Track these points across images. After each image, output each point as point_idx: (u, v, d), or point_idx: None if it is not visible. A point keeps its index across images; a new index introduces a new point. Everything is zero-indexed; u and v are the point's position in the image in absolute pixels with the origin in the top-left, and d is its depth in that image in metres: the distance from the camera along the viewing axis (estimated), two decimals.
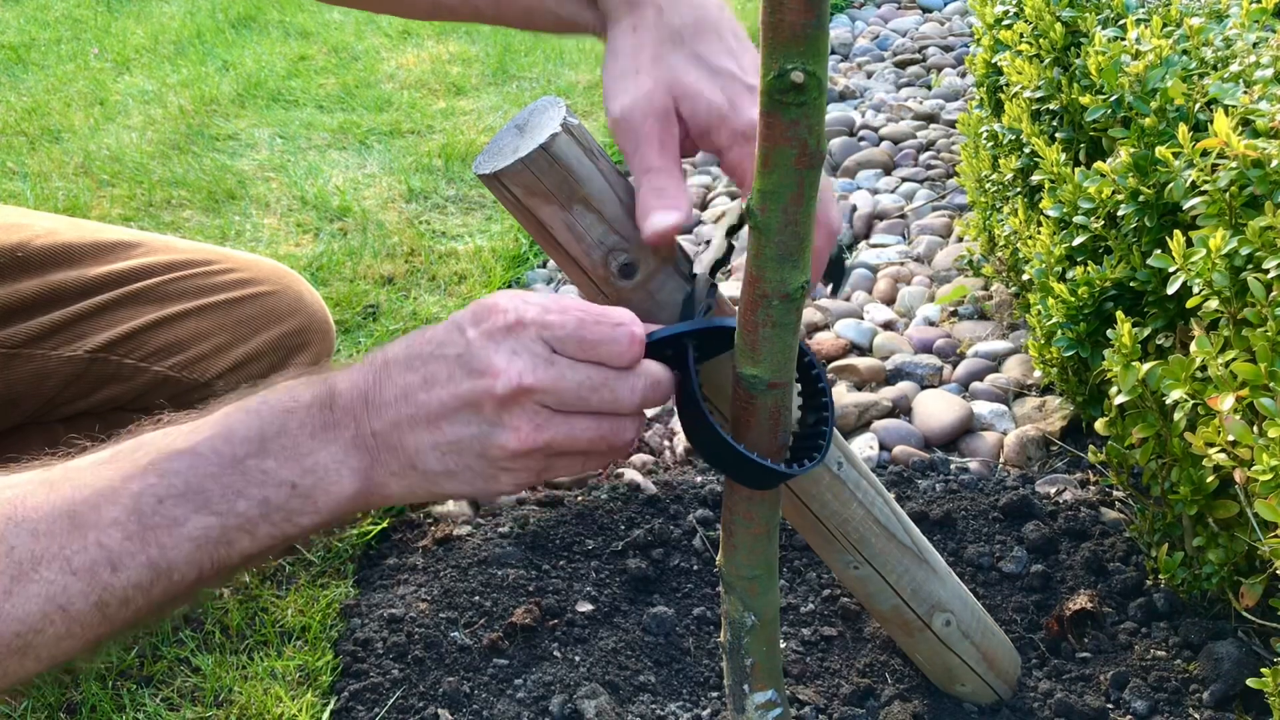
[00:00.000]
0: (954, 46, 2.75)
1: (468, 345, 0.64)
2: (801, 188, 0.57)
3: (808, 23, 0.51)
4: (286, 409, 0.66)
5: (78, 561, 0.61)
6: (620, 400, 0.66)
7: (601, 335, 0.64)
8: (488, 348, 0.64)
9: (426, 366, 0.65)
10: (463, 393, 0.64)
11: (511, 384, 0.63)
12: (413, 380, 0.65)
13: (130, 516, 0.62)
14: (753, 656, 0.78)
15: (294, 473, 0.65)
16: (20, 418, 1.20)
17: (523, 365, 0.63)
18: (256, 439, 0.65)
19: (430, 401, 0.65)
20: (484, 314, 0.65)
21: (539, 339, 0.64)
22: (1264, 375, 0.81)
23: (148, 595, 0.63)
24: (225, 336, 1.26)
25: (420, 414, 0.65)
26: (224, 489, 0.64)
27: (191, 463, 0.63)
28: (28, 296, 1.14)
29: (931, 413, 1.42)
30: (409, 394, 0.65)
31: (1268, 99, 0.95)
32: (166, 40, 3.10)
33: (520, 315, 0.64)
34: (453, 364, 0.64)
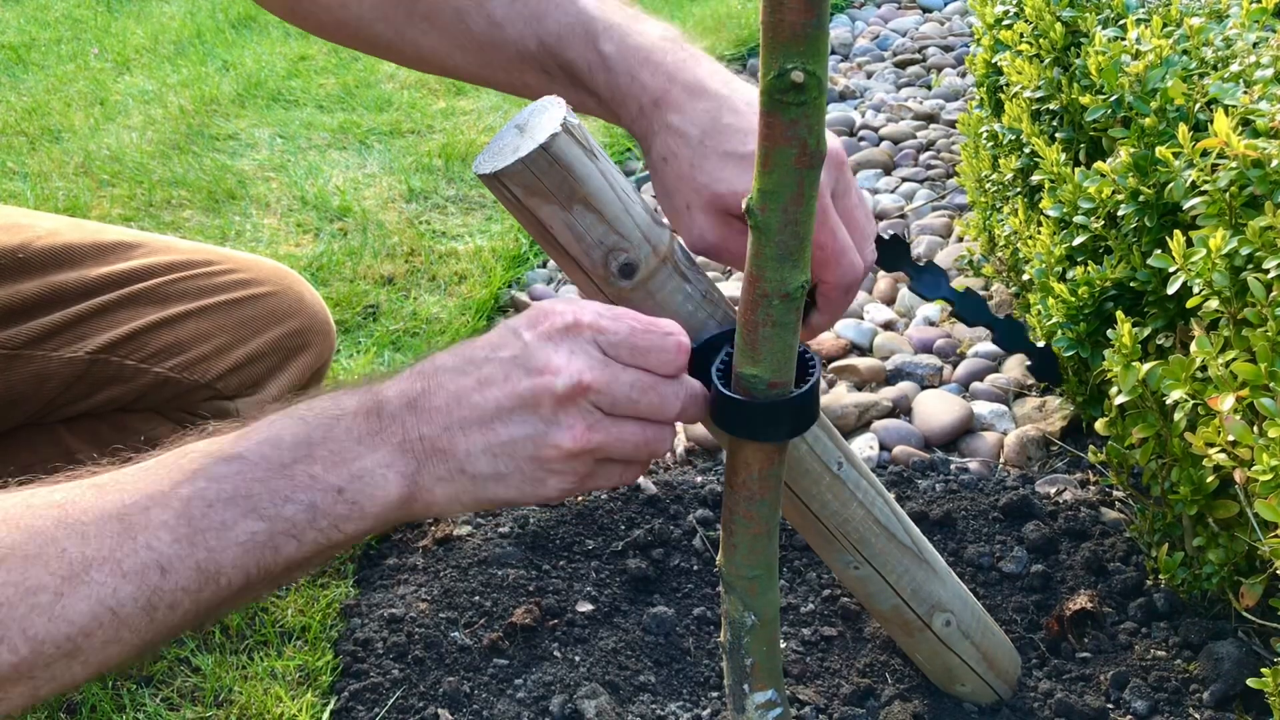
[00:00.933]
0: (954, 46, 2.75)
1: (525, 346, 0.66)
2: (801, 187, 0.57)
3: (807, 22, 0.51)
4: (333, 416, 0.67)
5: (128, 564, 0.61)
6: (666, 406, 0.68)
7: (652, 343, 0.66)
8: (546, 347, 0.65)
9: (481, 369, 0.66)
10: (521, 390, 0.65)
11: (572, 380, 0.64)
12: (466, 383, 0.66)
13: (179, 520, 0.62)
14: (753, 656, 0.78)
15: (341, 478, 0.65)
16: (21, 419, 1.20)
17: (581, 364, 0.65)
18: (304, 444, 0.66)
19: (485, 402, 0.66)
20: (540, 317, 0.67)
21: (593, 342, 0.66)
22: (1264, 375, 0.81)
23: (195, 599, 0.63)
24: (226, 337, 1.26)
25: (473, 415, 0.66)
26: (272, 494, 0.64)
27: (240, 468, 0.64)
28: (29, 297, 1.14)
29: (931, 413, 1.42)
30: (462, 397, 0.66)
31: (1268, 99, 0.95)
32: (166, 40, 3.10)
33: (577, 317, 0.66)
34: (509, 365, 0.66)
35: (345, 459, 0.66)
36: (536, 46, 0.86)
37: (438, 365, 0.68)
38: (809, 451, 0.82)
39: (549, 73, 0.87)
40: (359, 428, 0.67)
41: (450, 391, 0.67)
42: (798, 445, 0.81)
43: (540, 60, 0.87)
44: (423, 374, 0.68)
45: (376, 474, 0.66)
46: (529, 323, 0.67)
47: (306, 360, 1.35)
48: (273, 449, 0.65)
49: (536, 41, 0.86)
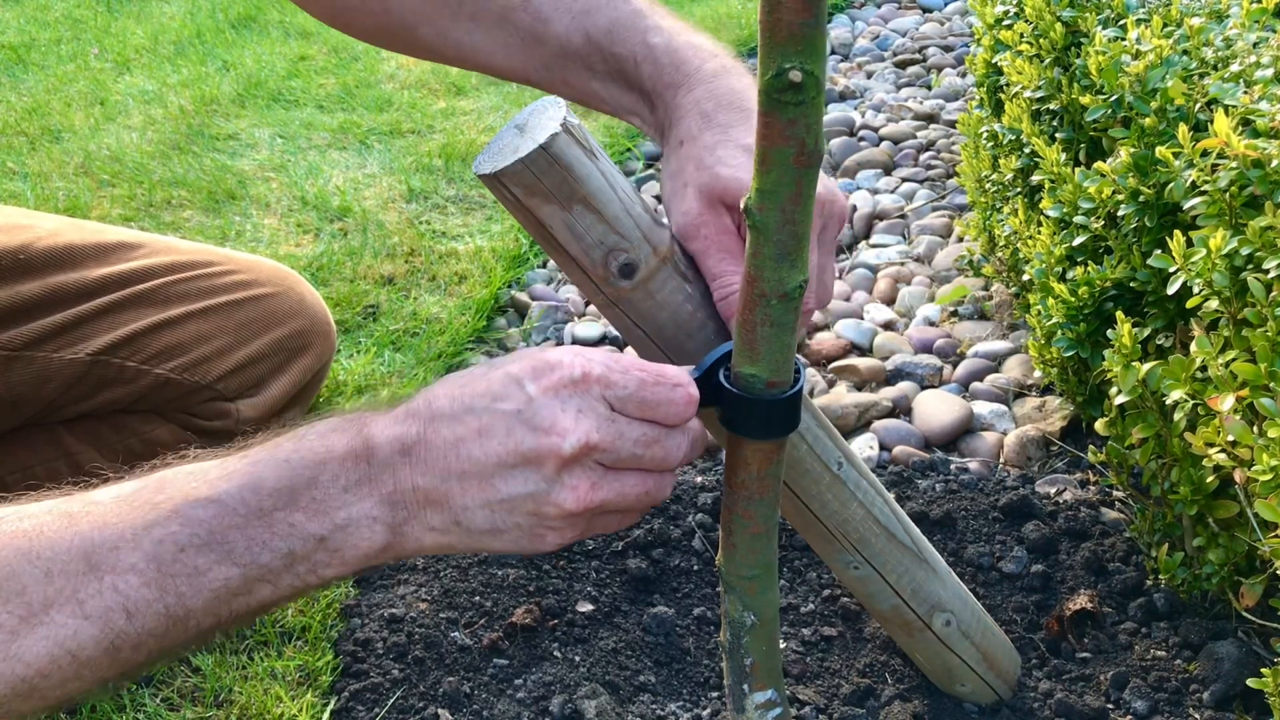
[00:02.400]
0: (954, 46, 2.75)
1: (530, 401, 0.63)
2: (799, 187, 0.57)
3: (805, 22, 0.51)
4: (319, 460, 0.64)
5: (91, 606, 0.59)
6: (670, 457, 0.66)
7: (660, 397, 0.65)
8: (553, 405, 0.63)
9: (480, 420, 0.63)
10: (525, 449, 0.62)
11: (579, 442, 0.62)
12: (463, 433, 0.63)
13: (149, 563, 0.60)
14: (752, 656, 0.78)
15: (323, 527, 0.63)
16: (21, 420, 1.20)
17: (589, 424, 0.63)
18: (286, 491, 0.63)
19: (486, 456, 0.63)
20: (545, 369, 0.64)
21: (601, 398, 0.64)
22: (1264, 375, 0.81)
23: (162, 642, 0.61)
24: (227, 339, 1.26)
25: (473, 469, 0.63)
26: (249, 541, 0.62)
27: (217, 512, 0.61)
28: (30, 298, 1.14)
29: (931, 413, 1.42)
30: (460, 447, 0.63)
31: (1268, 99, 0.95)
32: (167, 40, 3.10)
33: (586, 371, 0.64)
34: (511, 419, 0.63)
35: (329, 508, 0.63)
36: (583, 41, 0.86)
37: (434, 410, 0.65)
38: (809, 451, 0.82)
39: (592, 68, 0.86)
40: (346, 474, 0.64)
41: (447, 440, 0.64)
42: (798, 445, 0.81)
43: (585, 56, 0.86)
44: (417, 417, 0.65)
45: (362, 525, 0.63)
46: (533, 374, 0.64)
47: (307, 361, 1.35)
48: (253, 494, 0.62)
49: (583, 36, 0.85)
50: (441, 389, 0.66)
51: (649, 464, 0.66)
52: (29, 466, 1.24)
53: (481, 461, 0.63)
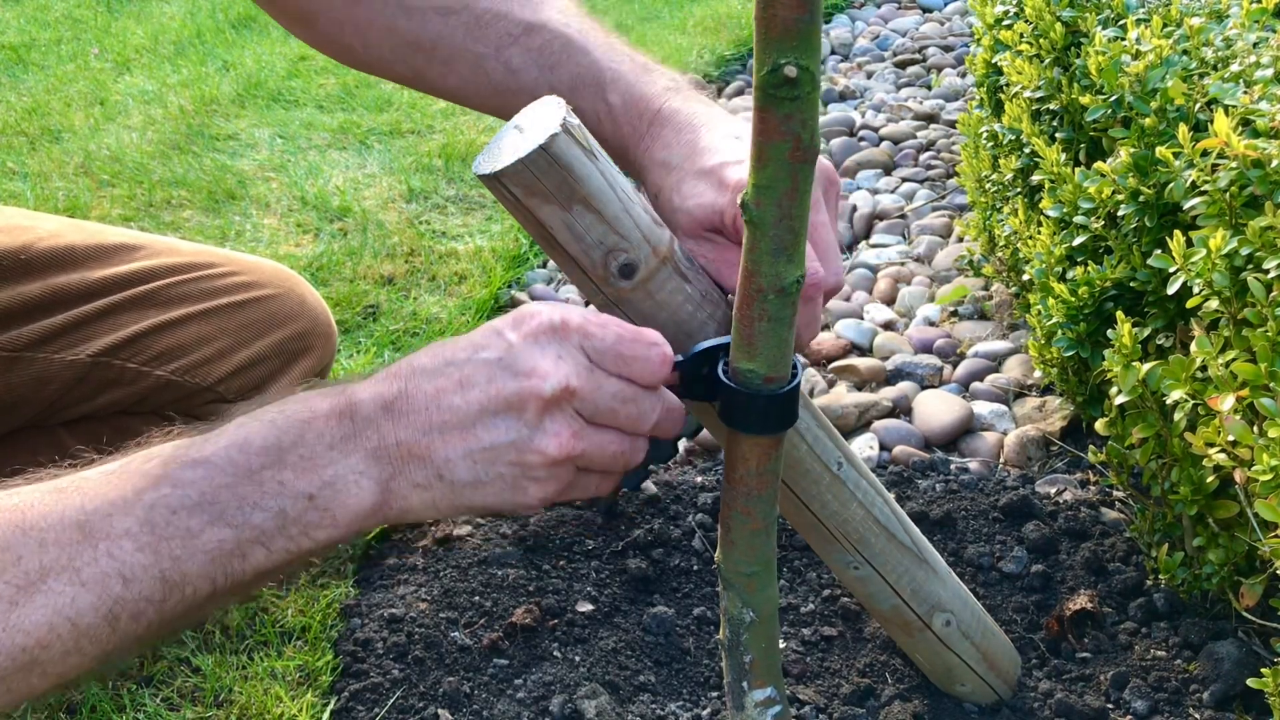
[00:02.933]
0: (954, 46, 2.75)
1: (509, 347, 0.64)
2: (795, 182, 0.57)
3: (800, 17, 0.51)
4: (304, 419, 0.64)
5: (87, 573, 0.59)
6: (644, 417, 0.67)
7: (637, 352, 0.66)
8: (533, 349, 0.64)
9: (462, 370, 0.64)
10: (507, 393, 0.63)
11: (559, 385, 0.63)
12: (445, 385, 0.64)
13: (143, 527, 0.60)
14: (751, 653, 0.78)
15: (311, 484, 0.63)
16: (21, 421, 1.20)
17: (569, 368, 0.64)
18: (273, 449, 0.63)
19: (467, 405, 0.64)
20: (525, 318, 0.65)
21: (580, 347, 0.65)
22: (1264, 375, 0.81)
23: (159, 609, 0.61)
24: (228, 341, 1.26)
25: (454, 419, 0.64)
26: (239, 500, 0.62)
27: (206, 473, 0.62)
28: (31, 299, 1.14)
29: (931, 413, 1.42)
30: (441, 399, 0.64)
31: (1268, 99, 0.95)
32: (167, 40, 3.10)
33: (565, 319, 0.65)
34: (493, 366, 0.64)
35: (316, 465, 0.63)
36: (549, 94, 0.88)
37: (415, 367, 0.66)
38: (809, 452, 0.81)
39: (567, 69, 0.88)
40: (331, 432, 0.64)
41: (428, 393, 0.64)
42: (797, 445, 0.80)
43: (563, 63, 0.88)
44: (398, 375, 0.66)
45: (349, 480, 0.64)
46: (513, 323, 0.65)
47: (308, 363, 1.35)
48: (240, 454, 0.63)
49: (549, 89, 0.86)
50: (424, 351, 0.67)
51: (624, 422, 0.67)
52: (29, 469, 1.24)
53: (463, 410, 0.64)
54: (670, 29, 2.91)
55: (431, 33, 0.91)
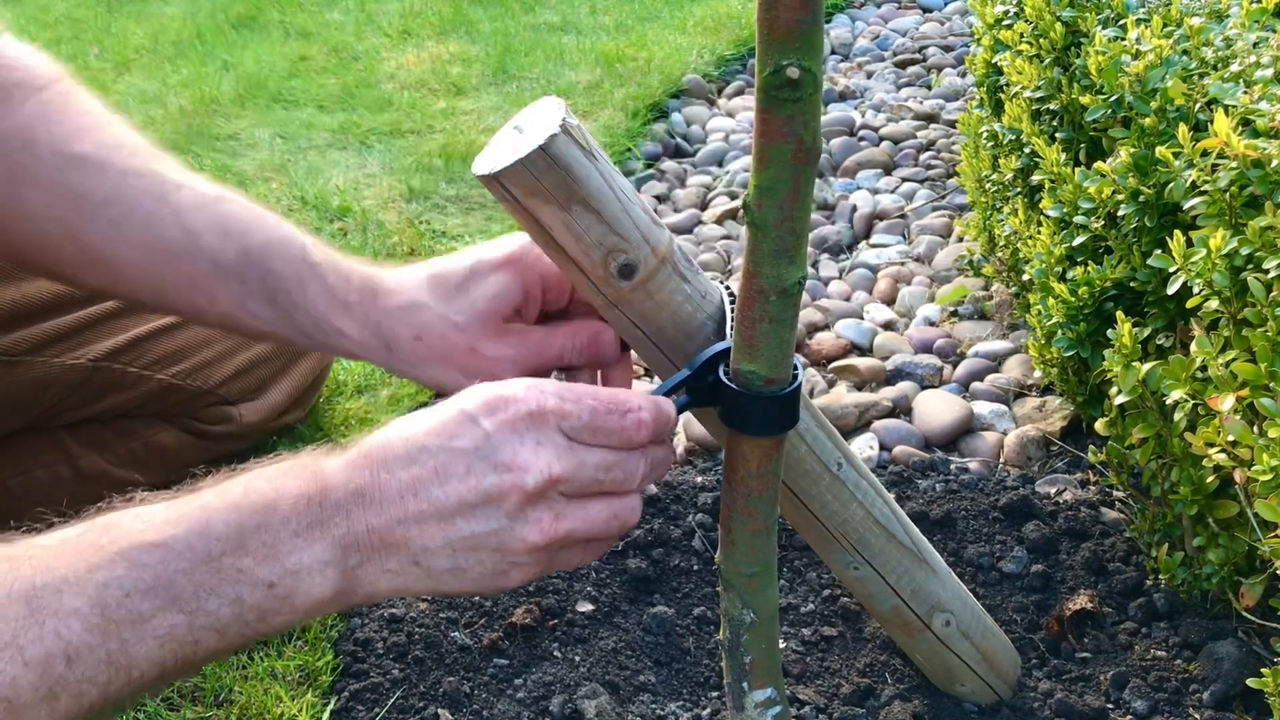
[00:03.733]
0: (954, 46, 2.75)
1: (486, 437, 0.62)
2: (798, 183, 0.57)
3: (803, 19, 0.51)
4: (269, 503, 0.62)
5: (31, 652, 0.56)
6: (630, 479, 0.66)
7: (613, 425, 0.65)
8: (511, 440, 0.62)
9: (436, 458, 0.62)
10: (486, 486, 0.62)
11: (542, 476, 0.62)
12: (421, 474, 0.62)
13: (93, 608, 0.58)
14: (751, 654, 0.78)
15: (273, 572, 0.61)
16: (23, 424, 1.20)
17: (549, 456, 0.62)
18: (235, 535, 0.61)
19: (445, 496, 0.62)
20: (498, 404, 0.63)
21: (557, 428, 0.64)
22: (1264, 375, 0.81)
23: (103, 690, 0.58)
24: (228, 343, 1.26)
25: (431, 509, 0.62)
26: (195, 587, 0.60)
27: (163, 557, 0.59)
28: (31, 302, 1.14)
29: (931, 413, 1.42)
30: (418, 488, 0.62)
31: (1268, 99, 0.95)
32: (166, 40, 3.10)
33: (540, 405, 0.63)
34: (470, 456, 0.62)
35: (279, 552, 0.61)
36: (237, 256, 0.84)
37: (389, 453, 0.63)
38: (808, 452, 0.81)
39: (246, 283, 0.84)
40: (298, 518, 0.62)
41: (404, 482, 0.62)
42: (797, 446, 0.81)
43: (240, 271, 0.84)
44: (370, 460, 0.63)
45: (313, 570, 0.62)
46: (487, 409, 0.63)
47: (309, 364, 1.35)
48: (200, 539, 0.60)
49: (238, 251, 0.84)
50: (393, 431, 0.65)
51: (610, 487, 0.66)
52: (31, 470, 1.24)
53: (441, 502, 0.62)
54: (670, 29, 2.91)
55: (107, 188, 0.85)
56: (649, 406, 0.67)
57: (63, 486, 1.25)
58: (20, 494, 1.24)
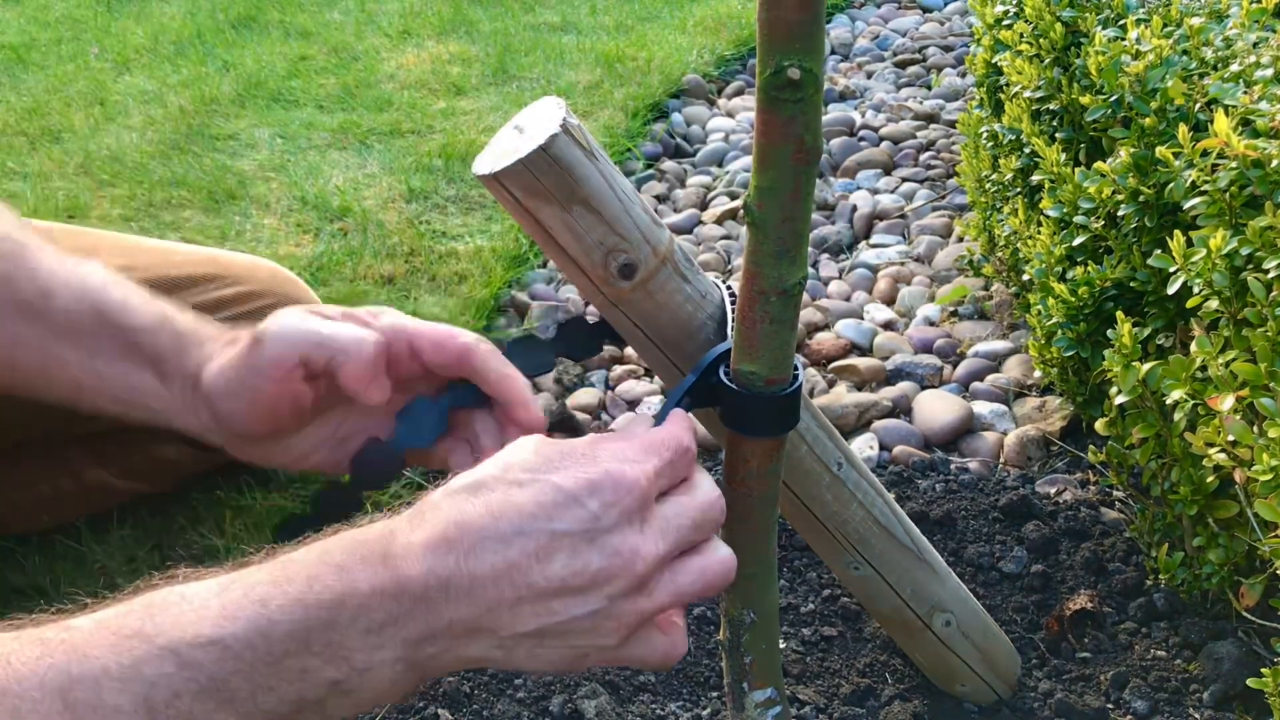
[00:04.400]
0: (954, 46, 2.75)
1: (594, 520, 0.58)
2: (799, 184, 0.57)
3: (804, 20, 0.51)
4: (338, 599, 0.56)
5: None
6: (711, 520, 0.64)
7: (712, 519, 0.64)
8: (621, 525, 0.58)
9: (537, 541, 0.57)
10: (594, 571, 0.57)
11: (653, 559, 0.59)
12: (518, 559, 0.57)
13: (138, 707, 0.52)
14: (752, 654, 0.78)
15: (339, 672, 0.56)
16: (24, 438, 1.19)
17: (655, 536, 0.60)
18: (300, 635, 0.55)
19: (546, 581, 0.57)
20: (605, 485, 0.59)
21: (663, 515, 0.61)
22: (1264, 375, 0.81)
23: None
24: None
25: (530, 594, 0.57)
26: (253, 687, 0.54)
27: (219, 655, 0.54)
28: None
29: (931, 413, 1.42)
30: (514, 574, 0.57)
31: (1268, 99, 0.95)
32: (166, 40, 3.10)
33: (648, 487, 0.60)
34: (576, 539, 0.57)
35: (348, 651, 0.56)
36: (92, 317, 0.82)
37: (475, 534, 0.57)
38: (808, 452, 0.81)
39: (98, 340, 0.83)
40: (369, 615, 0.56)
41: (497, 567, 0.57)
42: (797, 446, 0.81)
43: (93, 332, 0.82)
44: (452, 543, 0.57)
45: (384, 665, 0.57)
46: (590, 489, 0.58)
47: None
48: (262, 639, 0.54)
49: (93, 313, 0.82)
50: (475, 504, 0.58)
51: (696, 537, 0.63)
52: (34, 483, 1.24)
53: (541, 586, 0.57)
54: (670, 29, 2.91)
55: None
56: None
57: (65, 499, 1.25)
58: (23, 506, 1.24)
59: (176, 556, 1.25)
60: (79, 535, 1.27)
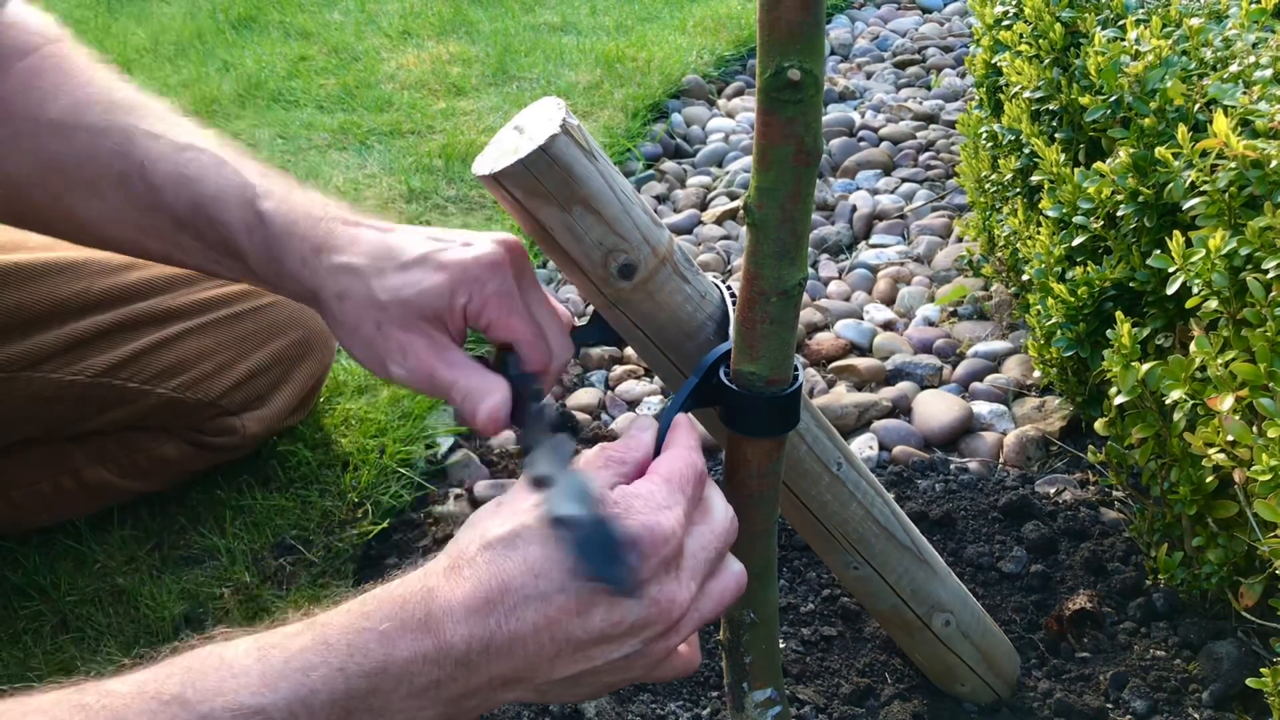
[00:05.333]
0: (954, 47, 2.75)
1: (634, 574, 0.59)
2: (799, 185, 0.57)
3: (804, 21, 0.51)
4: (380, 666, 0.56)
5: None
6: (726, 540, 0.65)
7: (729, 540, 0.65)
8: (658, 576, 0.60)
9: (576, 598, 0.58)
10: (633, 621, 0.59)
11: (686, 606, 0.61)
12: (555, 615, 0.58)
13: None
14: (752, 654, 0.78)
15: None
16: (23, 438, 1.20)
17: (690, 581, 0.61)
18: (342, 702, 0.55)
19: (586, 635, 0.58)
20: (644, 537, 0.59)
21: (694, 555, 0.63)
22: (1263, 375, 0.81)
23: None
24: (228, 354, 1.26)
25: (569, 646, 0.58)
26: None
27: None
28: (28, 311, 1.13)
29: (931, 413, 1.42)
30: (554, 629, 0.58)
31: (1267, 99, 0.95)
32: (167, 41, 3.10)
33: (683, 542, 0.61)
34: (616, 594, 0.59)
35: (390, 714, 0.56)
36: (190, 210, 0.83)
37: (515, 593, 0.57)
38: (808, 452, 0.82)
39: (202, 236, 0.83)
40: (410, 680, 0.56)
41: (538, 625, 0.57)
42: (797, 446, 0.81)
43: (194, 223, 0.83)
44: (493, 605, 0.57)
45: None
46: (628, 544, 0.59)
47: (309, 368, 1.35)
48: (303, 707, 0.54)
49: (190, 204, 0.83)
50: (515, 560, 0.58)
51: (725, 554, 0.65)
52: (34, 482, 1.24)
53: (581, 639, 0.58)
54: (670, 29, 2.92)
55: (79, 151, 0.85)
56: None
57: (65, 497, 1.26)
58: (24, 505, 1.24)
59: (177, 556, 1.25)
60: (79, 534, 1.28)
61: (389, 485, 1.34)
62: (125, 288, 1.19)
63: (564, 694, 0.62)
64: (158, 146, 0.85)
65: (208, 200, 0.82)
